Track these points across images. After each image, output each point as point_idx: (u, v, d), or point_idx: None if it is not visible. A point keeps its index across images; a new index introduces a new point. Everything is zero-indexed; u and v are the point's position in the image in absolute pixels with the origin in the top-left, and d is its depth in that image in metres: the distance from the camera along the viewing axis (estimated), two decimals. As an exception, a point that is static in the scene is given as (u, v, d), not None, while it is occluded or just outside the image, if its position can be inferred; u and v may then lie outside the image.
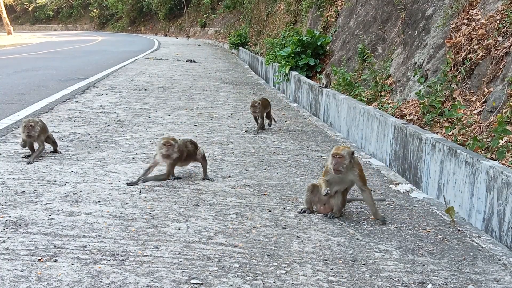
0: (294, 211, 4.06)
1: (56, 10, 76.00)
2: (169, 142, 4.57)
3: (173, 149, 4.58)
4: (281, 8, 19.20)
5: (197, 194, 4.35)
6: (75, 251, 3.08)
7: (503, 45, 5.72)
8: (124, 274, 2.83)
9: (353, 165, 3.86)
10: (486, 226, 3.88)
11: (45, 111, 7.89)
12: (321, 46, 11.90)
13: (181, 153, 4.68)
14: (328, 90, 8.64)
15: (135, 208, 3.90)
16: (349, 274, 3.00)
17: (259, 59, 17.28)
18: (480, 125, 5.31)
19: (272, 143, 6.54)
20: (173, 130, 6.94)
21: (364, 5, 11.07)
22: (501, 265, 3.26)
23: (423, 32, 7.70)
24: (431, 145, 4.85)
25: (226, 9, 35.40)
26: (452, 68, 6.36)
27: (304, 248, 3.34)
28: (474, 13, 6.68)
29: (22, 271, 2.80)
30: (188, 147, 4.80)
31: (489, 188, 3.85)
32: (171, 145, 4.57)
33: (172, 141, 4.60)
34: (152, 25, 60.35)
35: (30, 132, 5.10)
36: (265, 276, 2.91)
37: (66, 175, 4.70)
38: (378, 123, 6.22)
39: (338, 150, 3.83)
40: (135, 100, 9.53)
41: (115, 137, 6.35)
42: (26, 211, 3.71)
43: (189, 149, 4.81)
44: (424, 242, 3.58)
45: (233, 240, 3.40)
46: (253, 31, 23.97)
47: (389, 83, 8.13)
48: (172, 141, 4.61)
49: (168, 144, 4.56)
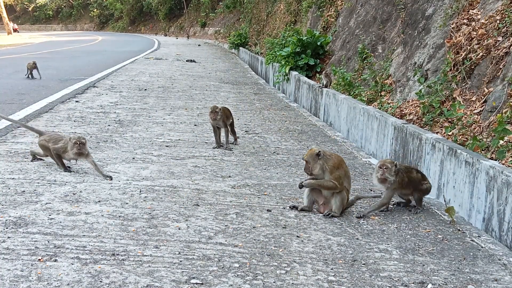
0: (294, 211, 4.06)
1: (56, 10, 76.04)
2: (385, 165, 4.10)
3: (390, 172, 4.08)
4: (281, 8, 19.20)
5: (197, 194, 4.35)
6: (75, 251, 3.08)
7: (503, 45, 5.72)
8: (124, 274, 2.83)
9: (323, 164, 3.98)
10: (486, 226, 3.88)
11: (45, 111, 7.89)
12: (321, 46, 11.90)
13: (400, 179, 4.15)
14: (328, 90, 8.64)
15: (135, 208, 3.90)
16: (349, 274, 3.00)
17: (259, 59, 17.28)
18: (480, 125, 5.31)
19: (272, 143, 6.54)
20: (173, 130, 6.94)
21: (364, 5, 11.07)
22: (501, 265, 3.26)
23: (423, 32, 7.70)
24: (431, 145, 4.85)
25: (226, 9, 35.43)
26: (452, 68, 6.35)
27: (304, 248, 3.34)
28: (474, 13, 6.68)
29: (22, 271, 2.80)
30: (412, 175, 4.26)
31: (489, 188, 3.85)
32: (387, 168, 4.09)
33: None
34: (152, 25, 60.38)
35: (81, 150, 4.59)
36: (265, 276, 2.91)
37: (66, 174, 4.69)
38: (378, 123, 6.22)
39: (305, 156, 4.08)
40: (135, 100, 9.53)
41: (115, 137, 6.35)
42: (26, 211, 3.71)
43: (413, 176, 4.25)
44: (424, 242, 3.58)
45: (233, 240, 3.40)
46: (253, 31, 23.97)
47: (389, 83, 8.13)
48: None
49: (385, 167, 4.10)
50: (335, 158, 4.07)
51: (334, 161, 4.02)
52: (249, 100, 10.37)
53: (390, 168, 4.05)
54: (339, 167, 4.03)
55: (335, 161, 4.04)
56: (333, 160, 4.03)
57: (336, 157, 4.11)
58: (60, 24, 75.43)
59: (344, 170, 4.07)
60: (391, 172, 4.04)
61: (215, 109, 5.98)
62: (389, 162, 4.11)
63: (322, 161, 3.98)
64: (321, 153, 4.00)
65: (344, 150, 6.44)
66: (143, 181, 4.62)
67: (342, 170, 4.04)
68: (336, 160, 4.05)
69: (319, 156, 3.98)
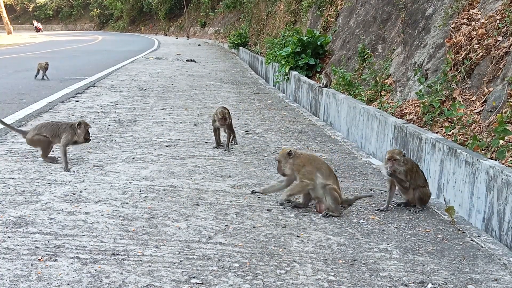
0: (294, 211, 4.07)
1: (56, 9, 76.03)
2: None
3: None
4: (281, 7, 19.20)
5: (197, 193, 4.35)
6: (75, 250, 3.08)
7: (503, 44, 5.72)
8: (124, 273, 2.83)
9: (292, 163, 4.03)
10: (486, 226, 3.88)
11: (45, 111, 7.89)
12: (321, 46, 11.90)
13: (410, 167, 4.23)
14: (328, 90, 8.64)
15: (135, 208, 3.90)
16: (349, 273, 3.00)
17: (259, 59, 17.28)
18: (480, 125, 5.31)
19: (272, 142, 6.54)
20: (173, 130, 6.94)
21: (364, 4, 11.07)
22: (501, 265, 3.26)
23: (423, 32, 7.70)
24: (431, 144, 4.85)
25: (226, 9, 35.39)
26: (452, 67, 6.36)
27: (304, 247, 3.34)
28: (474, 12, 6.68)
29: (22, 270, 2.80)
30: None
31: (489, 188, 3.85)
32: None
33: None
34: (152, 25, 60.36)
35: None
36: (265, 275, 2.91)
37: (66, 174, 4.69)
38: (378, 122, 6.22)
39: (277, 156, 4.16)
40: (135, 99, 9.53)
41: (115, 137, 6.35)
42: (26, 210, 3.71)
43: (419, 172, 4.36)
44: (424, 241, 3.58)
45: (233, 239, 3.40)
46: (253, 30, 23.97)
47: (389, 82, 8.13)
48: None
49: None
50: (303, 156, 4.10)
51: (301, 159, 4.05)
52: (249, 100, 10.37)
53: (399, 160, 4.11)
54: (306, 164, 4.04)
55: (302, 159, 4.06)
56: (300, 158, 4.06)
57: (306, 156, 4.15)
58: (60, 24, 75.41)
59: (316, 166, 4.04)
60: (400, 163, 4.12)
61: (225, 115, 5.86)
62: (397, 153, 4.15)
63: (292, 160, 4.04)
64: (293, 153, 4.06)
65: (344, 150, 6.44)
66: (143, 180, 4.62)
67: (311, 167, 4.04)
68: (303, 158, 4.07)
69: (290, 156, 4.04)
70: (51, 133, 4.98)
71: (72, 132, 4.97)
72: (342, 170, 5.40)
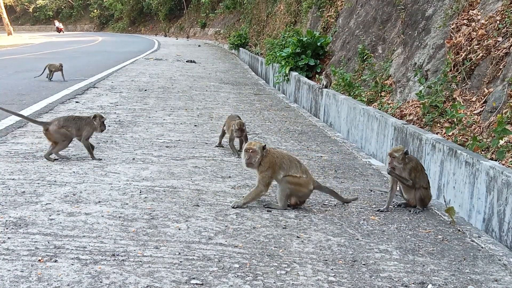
0: (295, 211, 4.07)
1: (56, 10, 76.04)
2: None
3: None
4: (281, 8, 19.21)
5: (197, 194, 4.35)
6: (75, 251, 3.08)
7: (503, 45, 5.72)
8: (124, 274, 2.83)
9: (260, 158, 4.05)
10: (486, 226, 3.88)
11: (45, 112, 7.89)
12: (321, 47, 11.90)
13: (415, 165, 4.25)
14: (328, 91, 8.65)
15: (135, 209, 3.90)
16: (349, 274, 3.00)
17: (259, 60, 17.29)
18: (480, 126, 5.31)
19: (272, 143, 6.54)
20: (173, 131, 6.94)
21: (364, 5, 11.07)
22: (501, 265, 3.26)
23: (423, 33, 7.70)
24: (431, 145, 4.85)
25: (226, 10, 35.43)
26: (452, 68, 6.36)
27: (304, 248, 3.34)
28: (474, 13, 6.68)
29: (22, 271, 2.80)
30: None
31: (489, 189, 3.85)
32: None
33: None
34: (152, 26, 60.37)
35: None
36: (265, 276, 2.91)
37: (66, 175, 4.69)
38: (378, 123, 6.22)
39: (250, 145, 4.10)
40: (135, 100, 9.53)
41: (115, 138, 6.35)
42: (26, 211, 3.71)
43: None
44: (424, 242, 3.58)
45: (233, 240, 3.40)
46: (253, 31, 23.99)
47: (389, 83, 8.13)
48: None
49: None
50: (271, 157, 4.06)
51: (269, 159, 4.04)
52: (249, 101, 10.37)
53: (397, 157, 4.11)
54: (271, 166, 4.03)
55: (270, 159, 4.05)
56: (268, 158, 4.05)
57: (273, 156, 4.08)
58: (60, 25, 75.47)
59: (279, 166, 4.05)
60: (399, 160, 4.11)
61: (241, 126, 5.70)
62: (396, 150, 4.16)
63: (262, 155, 4.04)
64: (266, 149, 4.07)
65: (344, 150, 6.44)
66: (143, 181, 4.62)
67: (272, 170, 4.04)
68: (271, 159, 4.05)
69: (263, 150, 4.05)
70: (76, 126, 5.18)
71: (93, 126, 5.26)
72: (342, 170, 5.40)
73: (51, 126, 5.08)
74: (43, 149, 5.52)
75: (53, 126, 5.07)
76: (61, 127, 5.08)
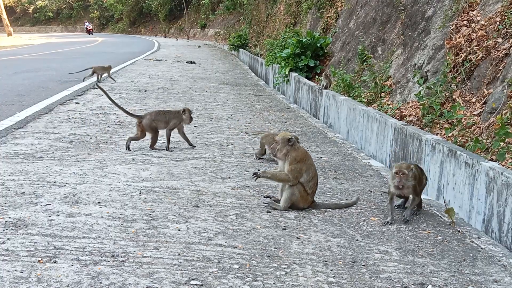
0: (294, 212, 4.07)
1: (56, 11, 76.12)
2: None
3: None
4: (281, 9, 19.22)
5: (197, 195, 4.35)
6: (75, 252, 3.08)
7: (502, 46, 5.72)
8: (124, 275, 2.83)
9: (288, 152, 4.05)
10: (486, 227, 3.88)
11: (45, 112, 7.89)
12: (321, 48, 11.91)
13: (419, 178, 4.12)
14: (328, 92, 8.65)
15: (135, 209, 3.90)
16: (349, 275, 3.00)
17: (259, 60, 17.30)
18: (480, 127, 5.31)
19: (272, 144, 6.54)
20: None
21: (364, 6, 11.08)
22: (501, 266, 3.25)
23: (423, 34, 7.70)
24: (431, 146, 4.85)
25: (226, 11, 35.48)
26: (452, 69, 6.36)
27: (304, 249, 3.34)
28: (474, 14, 6.69)
29: (22, 272, 2.80)
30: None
31: (489, 189, 3.85)
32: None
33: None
34: (152, 27, 60.42)
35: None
36: (265, 277, 2.91)
37: (66, 176, 4.69)
38: (378, 124, 6.22)
39: (277, 136, 4.15)
40: (135, 101, 9.53)
41: (115, 138, 6.35)
42: (26, 212, 3.71)
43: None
44: (424, 243, 3.58)
45: (233, 241, 3.40)
46: (253, 32, 24.00)
47: (389, 84, 8.14)
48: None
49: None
50: (301, 152, 4.10)
51: (298, 154, 4.06)
52: (249, 102, 10.37)
53: (407, 174, 3.96)
54: (301, 161, 4.05)
55: (299, 154, 4.07)
56: (297, 152, 4.06)
57: (303, 152, 4.13)
58: (60, 26, 75.51)
59: (306, 166, 4.06)
60: (409, 178, 3.97)
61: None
62: (406, 167, 3.98)
63: (289, 148, 4.05)
64: (293, 141, 4.07)
65: (344, 151, 6.44)
66: (143, 182, 4.62)
67: (303, 165, 4.05)
68: (300, 154, 4.07)
69: (289, 142, 4.05)
70: (165, 119, 5.84)
71: (181, 118, 5.91)
72: (342, 171, 5.40)
73: (144, 119, 5.77)
74: (42, 150, 5.53)
75: (146, 119, 5.77)
76: (153, 121, 5.78)
